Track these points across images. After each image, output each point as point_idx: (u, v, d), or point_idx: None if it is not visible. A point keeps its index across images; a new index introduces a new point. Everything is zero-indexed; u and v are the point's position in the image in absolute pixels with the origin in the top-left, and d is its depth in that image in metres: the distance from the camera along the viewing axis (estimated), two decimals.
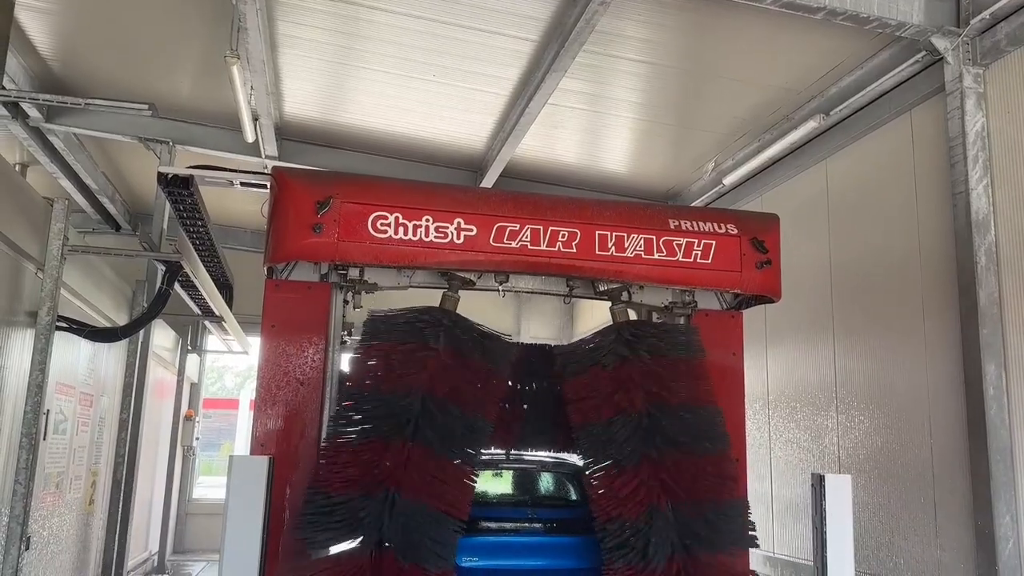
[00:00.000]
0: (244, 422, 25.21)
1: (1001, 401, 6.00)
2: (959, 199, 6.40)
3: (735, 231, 5.59)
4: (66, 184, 11.01)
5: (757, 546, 5.01)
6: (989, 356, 6.07)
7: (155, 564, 13.13)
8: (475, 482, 4.85)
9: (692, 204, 10.68)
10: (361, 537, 4.45)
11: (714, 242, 5.52)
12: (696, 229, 5.51)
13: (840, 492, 4.88)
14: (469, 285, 5.35)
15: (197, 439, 14.90)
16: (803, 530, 8.15)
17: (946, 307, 6.62)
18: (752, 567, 5.15)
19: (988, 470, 5.94)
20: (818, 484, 4.91)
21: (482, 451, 5.02)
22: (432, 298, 5.25)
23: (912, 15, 6.45)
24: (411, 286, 5.39)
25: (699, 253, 5.49)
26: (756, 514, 5.09)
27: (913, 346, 6.98)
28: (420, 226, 5.08)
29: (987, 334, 6.09)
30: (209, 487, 17.76)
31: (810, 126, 8.14)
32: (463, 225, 5.13)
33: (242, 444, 23.34)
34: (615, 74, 8.21)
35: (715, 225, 5.57)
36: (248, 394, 26.96)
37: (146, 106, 7.23)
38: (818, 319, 8.29)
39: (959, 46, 6.48)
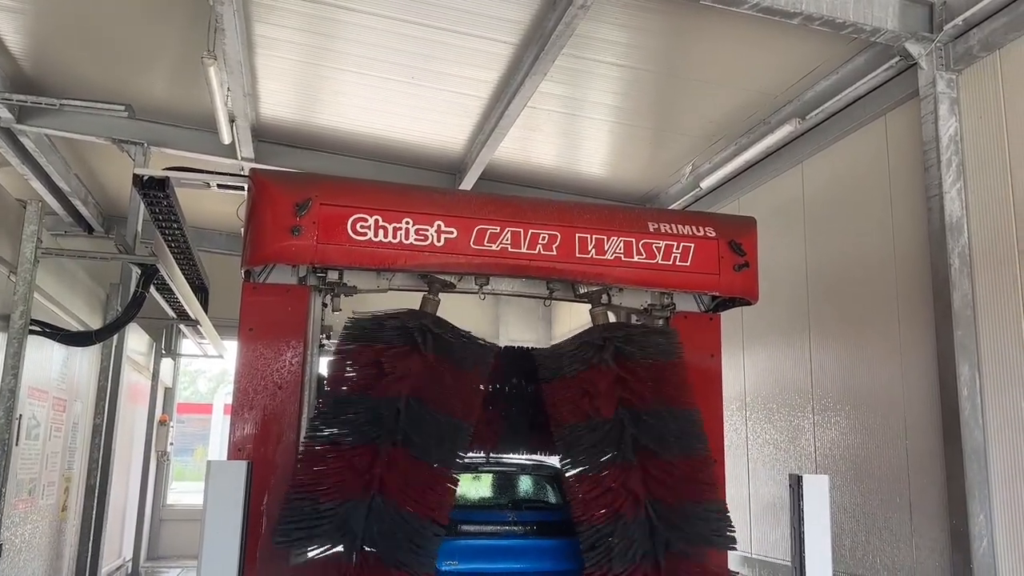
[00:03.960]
0: (218, 427, 24.99)
1: (975, 402, 6.08)
2: (933, 202, 6.49)
3: (713, 234, 5.63)
4: (37, 186, 10.86)
5: (735, 547, 5.03)
6: (963, 357, 6.14)
7: (129, 571, 12.97)
8: (456, 486, 4.84)
9: (670, 207, 10.72)
10: (342, 542, 4.42)
11: (693, 245, 5.56)
12: (675, 232, 5.54)
13: (818, 492, 4.91)
14: (449, 288, 5.34)
15: (171, 444, 14.75)
16: (780, 530, 8.21)
17: (920, 309, 6.70)
18: (730, 568, 5.18)
19: (962, 470, 6.02)
20: (796, 485, 4.93)
21: (462, 454, 5.00)
22: (412, 301, 5.23)
23: (887, 21, 6.52)
24: (391, 289, 5.36)
25: (678, 256, 5.52)
26: (734, 515, 5.11)
27: (888, 347, 7.06)
28: (400, 228, 5.05)
29: (961, 335, 6.17)
30: (183, 492, 17.60)
31: (786, 130, 8.21)
32: (443, 227, 5.12)
33: (216, 449, 23.14)
34: (593, 77, 8.23)
35: (693, 228, 5.60)
36: (222, 399, 26.72)
37: (123, 107, 7.15)
38: (794, 321, 8.36)
39: (933, 51, 6.57)
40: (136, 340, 11.62)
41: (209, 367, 33.83)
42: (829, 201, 8.08)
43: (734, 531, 4.99)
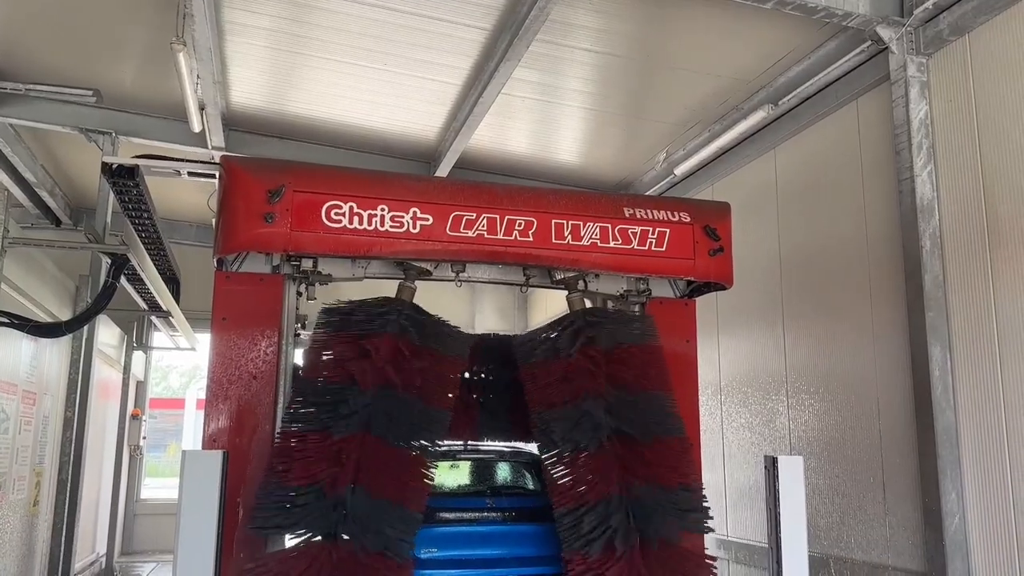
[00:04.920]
0: (191, 422, 24.79)
1: (946, 382, 6.17)
2: (904, 185, 6.55)
3: (688, 219, 5.64)
4: (2, 177, 10.65)
5: (711, 530, 5.07)
6: (934, 339, 6.22)
7: (103, 566, 12.83)
8: (433, 473, 4.82)
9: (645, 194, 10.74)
10: (318, 530, 4.39)
11: (668, 230, 5.57)
12: (650, 217, 5.55)
13: (792, 473, 4.96)
14: (425, 275, 5.31)
15: (144, 438, 14.59)
16: (757, 513, 8.29)
17: (892, 291, 6.77)
18: (707, 551, 5.22)
19: (934, 449, 6.10)
20: (771, 466, 4.98)
21: (439, 442, 4.99)
22: (388, 289, 5.20)
23: (858, 5, 6.56)
24: (366, 277, 5.32)
25: (653, 241, 5.53)
26: (710, 498, 5.16)
27: (861, 330, 7.13)
28: (375, 215, 5.01)
29: (932, 317, 6.24)
30: (156, 489, 17.45)
31: (759, 116, 8.24)
32: (419, 214, 5.08)
33: (190, 444, 22.94)
34: (568, 64, 8.21)
35: (669, 213, 5.62)
36: (194, 394, 26.52)
37: (90, 92, 7.01)
38: (768, 304, 8.42)
39: (903, 36, 6.62)
40: (107, 333, 11.47)
41: (181, 362, 33.59)
42: (802, 186, 8.13)
43: (711, 514, 5.03)
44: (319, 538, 4.39)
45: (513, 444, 6.32)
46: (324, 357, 4.83)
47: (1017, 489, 5.66)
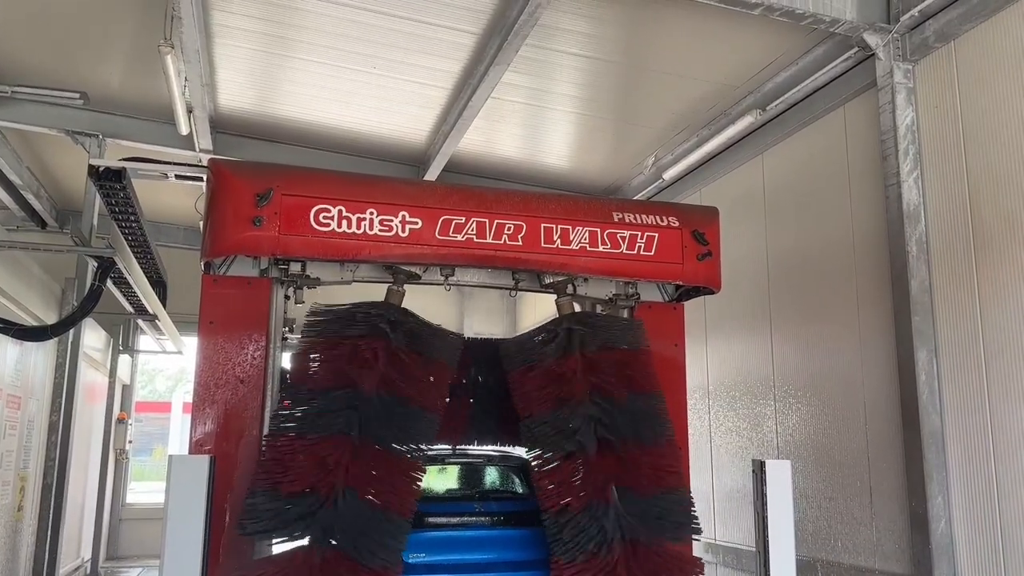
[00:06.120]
0: (177, 426, 24.67)
1: (933, 386, 6.20)
2: (891, 191, 6.59)
3: (677, 224, 5.66)
4: None
5: (699, 536, 5.07)
6: (921, 343, 6.25)
7: (88, 571, 12.74)
8: (422, 477, 4.82)
9: (633, 199, 10.76)
10: (306, 534, 4.38)
11: (656, 234, 5.59)
12: (639, 222, 5.57)
13: (780, 477, 4.98)
14: (414, 279, 5.30)
15: (130, 442, 14.51)
16: (744, 517, 8.31)
17: (879, 296, 6.81)
18: (695, 555, 5.22)
19: (921, 454, 6.13)
20: (759, 470, 4.99)
21: (428, 446, 4.98)
22: (377, 292, 5.19)
23: (845, 12, 6.60)
24: (355, 280, 5.31)
25: (642, 245, 5.55)
26: (698, 502, 5.17)
27: (848, 334, 7.17)
28: (364, 219, 5.00)
29: (919, 322, 6.28)
30: (141, 493, 17.35)
31: (747, 121, 8.27)
32: (408, 218, 5.07)
33: (176, 448, 22.85)
34: (557, 68, 8.22)
35: (657, 218, 5.63)
36: (181, 397, 26.41)
37: (77, 95, 6.98)
38: (756, 309, 8.45)
39: (890, 42, 6.66)
40: (93, 337, 11.41)
41: (167, 365, 33.44)
42: (789, 191, 8.17)
43: (698, 519, 5.03)
44: (307, 543, 4.37)
45: (502, 448, 6.31)
46: (313, 361, 4.81)
47: (1003, 493, 5.69)
